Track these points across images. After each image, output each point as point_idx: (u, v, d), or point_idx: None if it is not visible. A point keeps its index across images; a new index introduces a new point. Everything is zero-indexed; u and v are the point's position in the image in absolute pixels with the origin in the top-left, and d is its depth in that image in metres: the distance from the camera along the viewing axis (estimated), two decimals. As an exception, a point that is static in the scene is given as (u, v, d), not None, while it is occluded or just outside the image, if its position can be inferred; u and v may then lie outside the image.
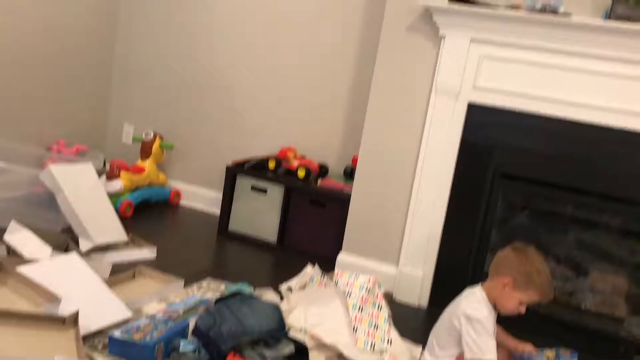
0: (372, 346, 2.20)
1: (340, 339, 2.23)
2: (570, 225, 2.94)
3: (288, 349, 2.04)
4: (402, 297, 2.88)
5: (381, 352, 2.17)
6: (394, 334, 2.30)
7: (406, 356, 2.20)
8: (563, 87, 2.54)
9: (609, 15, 2.40)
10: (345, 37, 3.40)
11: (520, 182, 2.73)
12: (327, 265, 2.85)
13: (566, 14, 2.45)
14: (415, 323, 2.66)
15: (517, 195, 2.88)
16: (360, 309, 2.30)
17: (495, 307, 1.99)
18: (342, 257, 3.04)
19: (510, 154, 2.68)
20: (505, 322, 2.13)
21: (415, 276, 2.86)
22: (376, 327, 2.28)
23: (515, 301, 1.94)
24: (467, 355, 1.90)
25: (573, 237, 3.00)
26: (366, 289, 2.36)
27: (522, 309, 1.96)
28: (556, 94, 2.54)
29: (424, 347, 2.15)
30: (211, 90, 3.79)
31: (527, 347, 2.09)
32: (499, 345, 2.03)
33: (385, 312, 2.34)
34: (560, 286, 2.91)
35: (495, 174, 2.72)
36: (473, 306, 1.95)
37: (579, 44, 2.47)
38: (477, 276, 2.70)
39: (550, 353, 2.07)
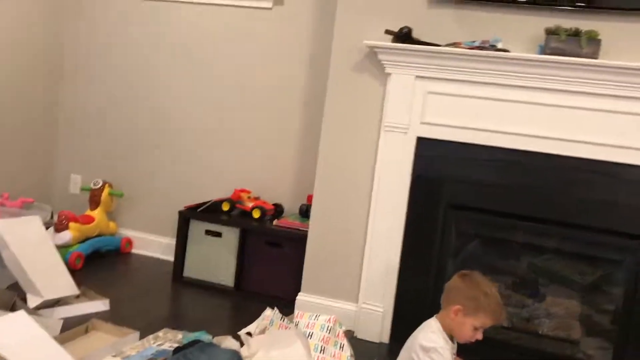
0: (336, 386, 2.18)
1: (304, 381, 2.20)
2: (522, 251, 3.01)
3: (250, 396, 2.00)
4: (363, 334, 2.86)
5: (345, 392, 2.14)
6: (358, 372, 2.28)
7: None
8: (506, 119, 2.63)
9: (544, 49, 2.52)
10: (294, 77, 3.44)
11: (472, 212, 2.79)
12: (287, 307, 2.81)
13: (504, 50, 2.56)
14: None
15: (469, 225, 2.93)
16: (322, 349, 2.28)
17: (452, 337, 2.01)
18: (301, 298, 3.01)
19: (460, 185, 2.74)
20: (466, 352, 2.15)
21: (375, 312, 2.85)
22: (339, 367, 2.26)
23: (469, 327, 1.96)
24: None
25: (526, 263, 3.07)
26: (327, 329, 2.33)
27: (479, 335, 1.98)
28: (500, 125, 2.63)
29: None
30: (160, 135, 3.75)
31: None
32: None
33: (347, 351, 2.32)
34: (517, 312, 2.96)
35: (447, 206, 2.78)
36: (428, 337, 1.96)
37: (518, 78, 2.58)
38: (436, 308, 2.71)
39: None
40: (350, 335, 2.86)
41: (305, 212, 3.26)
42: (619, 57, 2.46)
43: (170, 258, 3.46)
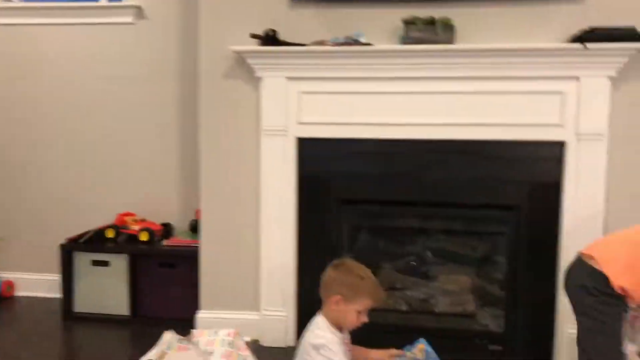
0: (244, 400, 2.13)
1: (209, 401, 2.13)
2: (412, 236, 3.11)
3: None
4: (269, 341, 2.83)
5: (253, 405, 2.10)
6: (264, 382, 2.24)
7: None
8: (378, 111, 2.69)
9: (404, 39, 2.61)
10: (167, 90, 3.34)
11: (360, 204, 2.85)
12: (189, 328, 2.70)
13: (368, 44, 2.62)
14: (285, 365, 2.62)
15: (359, 217, 2.98)
16: (226, 365, 2.22)
17: (340, 328, 2.03)
18: (202, 315, 2.92)
19: (345, 180, 2.78)
20: (367, 339, 2.18)
21: (278, 317, 2.83)
22: (245, 379, 2.21)
23: (353, 313, 1.98)
24: None
25: (417, 247, 3.17)
26: (228, 343, 2.27)
27: (364, 318, 2.00)
28: (373, 117, 2.69)
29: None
30: (31, 168, 3.51)
31: (392, 352, 2.12)
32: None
33: (251, 362, 2.28)
34: (414, 295, 3.05)
35: (336, 202, 2.80)
36: (315, 334, 1.97)
37: (384, 69, 2.65)
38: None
39: (417, 352, 2.11)
40: (256, 344, 2.83)
41: (195, 228, 3.17)
42: (472, 40, 2.59)
43: (58, 295, 3.25)
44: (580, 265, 1.97)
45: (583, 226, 2.58)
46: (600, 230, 2.58)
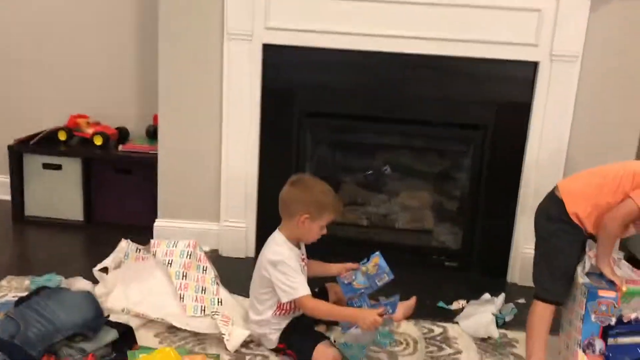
0: (203, 310, 2.13)
1: (167, 310, 2.12)
2: (375, 151, 3.08)
3: (110, 335, 1.90)
4: (228, 252, 2.81)
5: (212, 314, 2.10)
6: (224, 294, 2.24)
7: (238, 312, 2.16)
8: (348, 19, 2.55)
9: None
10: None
11: (324, 117, 2.77)
12: (145, 236, 2.64)
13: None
14: (245, 275, 2.58)
15: (322, 130, 2.92)
16: (184, 275, 2.20)
17: (298, 244, 2.02)
18: (159, 224, 2.86)
19: (311, 91, 2.68)
20: (329, 253, 2.18)
21: (238, 229, 2.80)
22: (204, 290, 2.20)
23: (317, 229, 1.99)
24: (283, 299, 1.92)
25: (379, 162, 3.15)
26: (187, 254, 2.24)
27: (324, 231, 2.01)
28: (343, 26, 2.55)
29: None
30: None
31: (347, 265, 2.14)
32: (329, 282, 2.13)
33: (210, 273, 2.26)
34: (374, 211, 3.06)
35: (300, 114, 2.72)
36: (273, 250, 1.97)
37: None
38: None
39: (370, 266, 2.13)
40: (215, 254, 2.82)
41: (152, 134, 3.04)
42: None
43: (7, 197, 3.12)
44: (550, 194, 2.01)
45: (548, 149, 2.58)
46: (564, 154, 2.59)
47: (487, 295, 2.41)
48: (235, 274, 2.49)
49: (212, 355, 1.94)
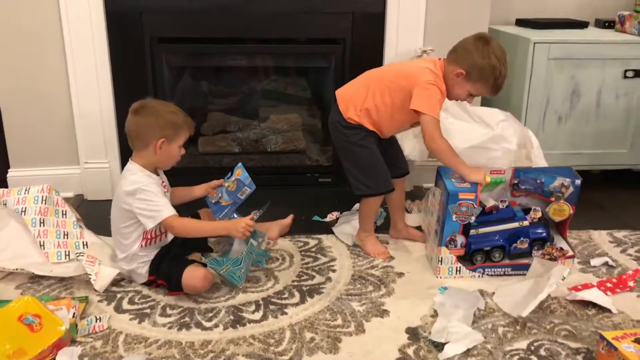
0: (67, 255, 2.01)
1: (28, 261, 1.99)
2: (238, 75, 3.00)
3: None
4: (93, 195, 2.66)
5: (77, 257, 2.00)
6: (89, 236, 2.12)
7: (106, 253, 2.07)
8: None
9: None
10: None
11: (178, 43, 2.64)
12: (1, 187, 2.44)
13: None
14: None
15: (178, 57, 2.79)
16: (42, 222, 2.05)
17: (156, 171, 1.96)
18: (13, 174, 2.64)
19: (159, 15, 2.52)
20: (200, 181, 2.14)
21: (101, 169, 2.65)
22: (66, 235, 2.07)
23: (175, 151, 1.92)
24: (148, 225, 1.86)
25: (245, 86, 3.09)
26: (42, 200, 2.09)
27: (183, 150, 1.95)
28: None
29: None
30: None
31: (212, 184, 2.11)
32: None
33: (71, 217, 2.13)
34: (245, 136, 3.02)
35: (151, 40, 2.56)
36: (129, 181, 1.88)
37: None
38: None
39: (231, 182, 2.11)
40: (80, 199, 2.67)
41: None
42: None
43: None
44: (333, 104, 2.13)
45: (404, 58, 2.63)
46: (420, 60, 2.66)
47: (357, 205, 2.48)
48: (104, 216, 2.35)
49: (79, 298, 1.85)
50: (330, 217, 2.49)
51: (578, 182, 2.01)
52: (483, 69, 1.94)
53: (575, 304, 1.88)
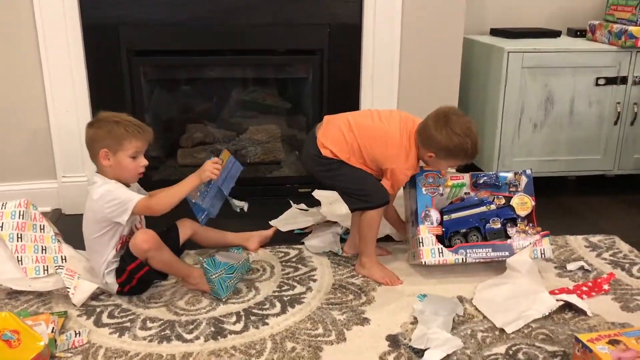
0: (46, 270, 2.00)
1: (5, 276, 1.97)
2: (220, 87, 3.01)
3: (-64, 312, 1.72)
4: (71, 209, 2.64)
5: (57, 270, 1.98)
6: (67, 250, 2.11)
7: (85, 267, 2.05)
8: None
9: None
10: None
11: (156, 56, 2.64)
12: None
13: None
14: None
15: (156, 70, 2.79)
16: (20, 237, 2.03)
17: (127, 185, 1.96)
18: (-11, 189, 2.62)
19: (137, 28, 2.52)
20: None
21: (78, 184, 2.62)
22: (44, 249, 2.06)
23: (127, 161, 1.90)
24: (123, 219, 1.87)
25: (224, 98, 3.09)
26: (20, 214, 2.07)
27: (142, 161, 1.93)
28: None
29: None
30: None
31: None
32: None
33: (49, 231, 2.11)
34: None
35: (129, 53, 2.56)
36: (100, 191, 1.89)
37: None
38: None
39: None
40: (58, 213, 2.64)
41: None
42: None
43: None
44: (309, 143, 2.13)
45: (381, 68, 2.67)
46: (397, 72, 2.69)
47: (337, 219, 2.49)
48: (80, 231, 2.35)
49: (58, 313, 1.83)
50: (311, 228, 2.49)
51: (529, 171, 2.15)
52: (449, 150, 1.99)
53: (552, 308, 1.91)
